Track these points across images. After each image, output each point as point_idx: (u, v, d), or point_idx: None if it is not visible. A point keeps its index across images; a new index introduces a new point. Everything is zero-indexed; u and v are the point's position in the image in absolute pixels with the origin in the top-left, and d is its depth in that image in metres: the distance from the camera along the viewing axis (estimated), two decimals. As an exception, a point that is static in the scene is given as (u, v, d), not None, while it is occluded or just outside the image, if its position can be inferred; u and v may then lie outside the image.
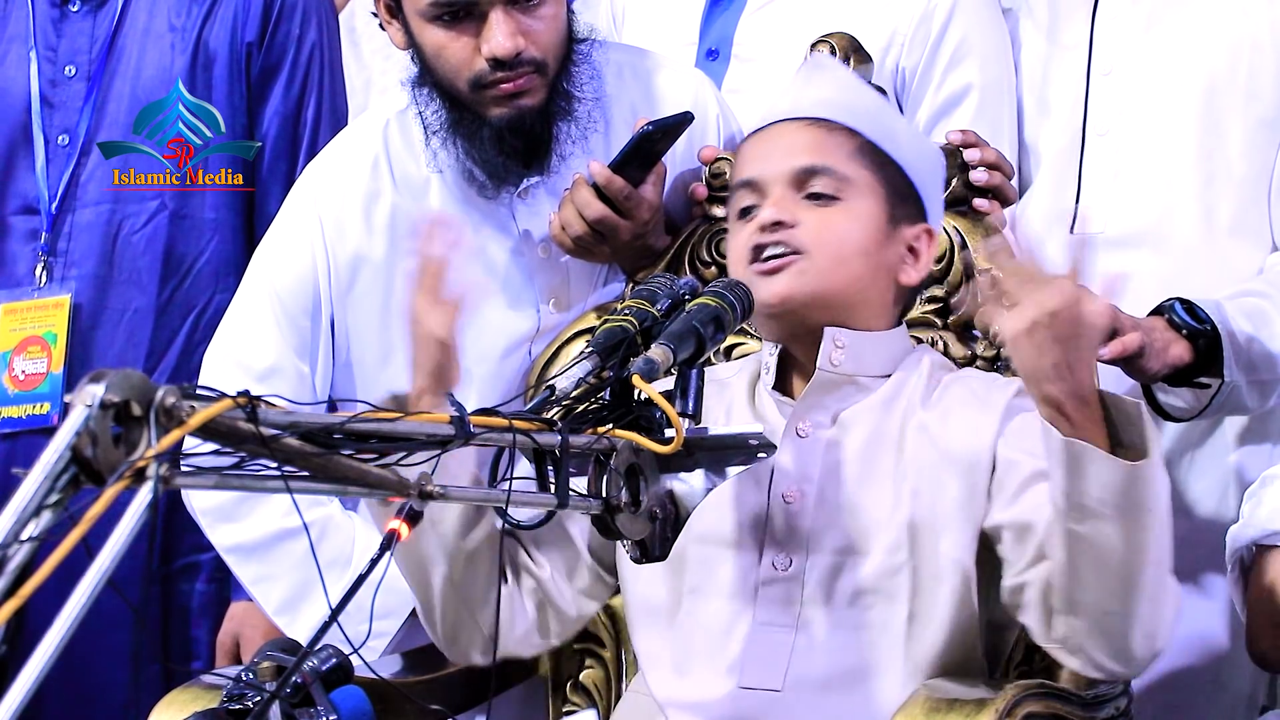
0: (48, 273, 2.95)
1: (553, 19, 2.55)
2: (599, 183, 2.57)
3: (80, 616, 1.47)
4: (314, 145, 2.94)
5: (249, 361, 2.62)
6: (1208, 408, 2.55)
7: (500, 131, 2.55)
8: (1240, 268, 2.68)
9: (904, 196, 2.34)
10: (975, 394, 2.30)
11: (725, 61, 2.84)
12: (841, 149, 2.32)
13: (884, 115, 2.40)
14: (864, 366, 2.30)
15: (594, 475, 1.98)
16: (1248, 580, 2.27)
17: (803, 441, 2.29)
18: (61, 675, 2.86)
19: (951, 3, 2.77)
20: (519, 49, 2.51)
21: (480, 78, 2.53)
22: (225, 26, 2.95)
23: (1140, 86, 2.73)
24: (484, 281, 2.62)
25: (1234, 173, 2.69)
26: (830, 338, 2.29)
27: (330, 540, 2.56)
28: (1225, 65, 2.70)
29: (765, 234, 2.27)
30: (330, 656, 1.97)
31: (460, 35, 2.53)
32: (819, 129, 2.33)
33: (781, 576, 2.26)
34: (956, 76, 2.76)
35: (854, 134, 2.32)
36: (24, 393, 2.94)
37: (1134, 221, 2.70)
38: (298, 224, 2.66)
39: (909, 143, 2.38)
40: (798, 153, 2.32)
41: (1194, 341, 2.51)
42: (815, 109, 2.35)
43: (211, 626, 2.91)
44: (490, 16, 2.50)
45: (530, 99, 2.55)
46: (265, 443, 1.63)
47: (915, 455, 2.26)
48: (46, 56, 2.98)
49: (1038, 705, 2.12)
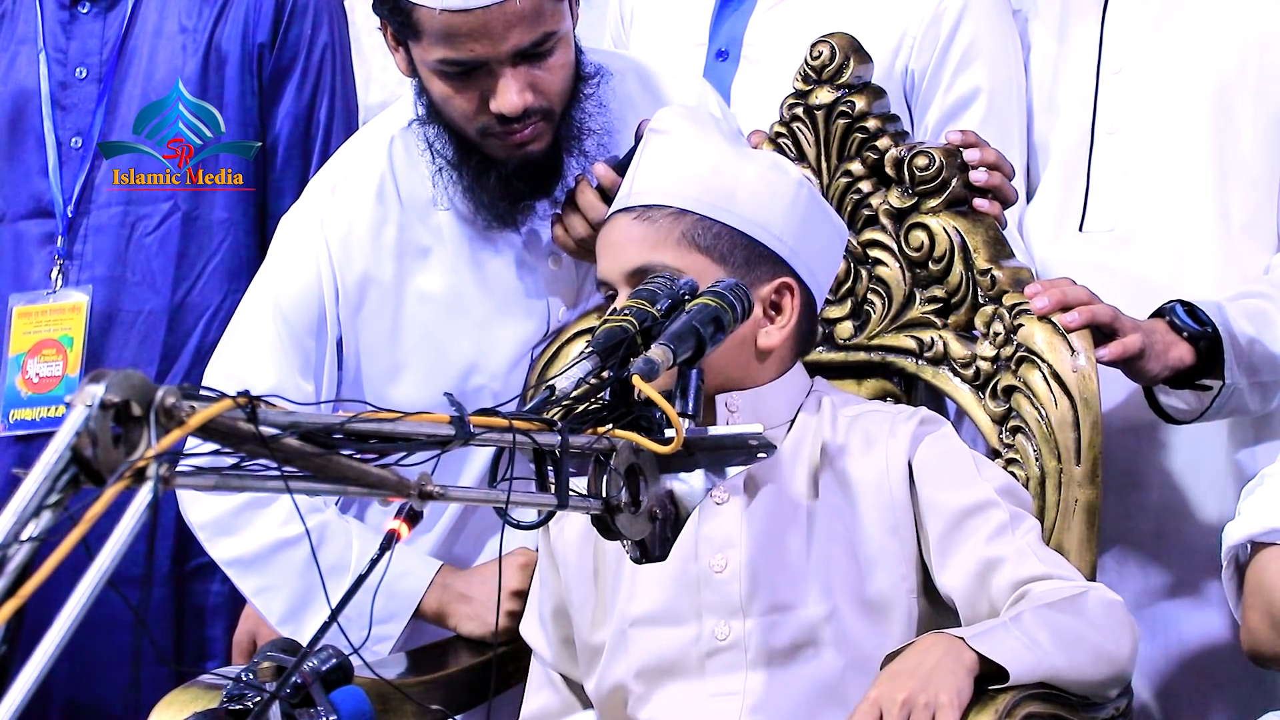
0: (63, 276, 2.96)
1: (561, 67, 2.52)
2: (603, 184, 2.57)
3: (80, 616, 1.47)
4: (326, 146, 2.95)
5: (251, 381, 2.61)
6: (1209, 410, 2.55)
7: (508, 177, 2.53)
8: (1252, 266, 2.68)
9: (749, 258, 2.30)
10: (879, 427, 2.32)
11: (735, 63, 2.83)
12: (669, 236, 2.28)
13: (719, 176, 2.32)
14: (764, 419, 2.29)
15: (594, 475, 1.98)
16: (1242, 578, 2.28)
17: (720, 508, 2.31)
18: (73, 676, 2.89)
19: (961, 5, 2.76)
20: (527, 105, 2.49)
21: (488, 128, 2.52)
22: (237, 27, 2.95)
23: (1150, 85, 2.72)
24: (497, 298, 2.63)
25: (1247, 171, 2.68)
26: (722, 404, 2.30)
27: (329, 546, 2.55)
28: (1235, 64, 2.69)
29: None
30: (330, 657, 1.98)
31: (467, 88, 2.50)
32: (644, 222, 2.29)
33: (723, 646, 2.28)
34: (966, 79, 2.75)
35: (682, 214, 2.29)
36: (38, 395, 2.95)
37: (1144, 219, 2.70)
38: (303, 244, 2.64)
39: (752, 195, 2.31)
40: (629, 252, 2.29)
41: (1195, 343, 2.51)
42: (642, 195, 2.32)
43: (227, 626, 2.92)
44: (500, 75, 2.47)
45: (538, 145, 2.53)
46: (265, 443, 1.63)
47: (828, 500, 2.28)
48: (56, 59, 2.98)
49: (1038, 705, 2.12)
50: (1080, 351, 2.44)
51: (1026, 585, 2.22)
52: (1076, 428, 2.42)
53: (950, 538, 2.26)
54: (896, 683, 2.05)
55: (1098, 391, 2.43)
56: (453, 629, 2.58)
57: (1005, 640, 2.10)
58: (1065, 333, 2.43)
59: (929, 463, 2.28)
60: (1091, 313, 2.44)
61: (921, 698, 2.03)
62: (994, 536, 2.25)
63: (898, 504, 2.28)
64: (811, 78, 2.57)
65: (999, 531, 2.25)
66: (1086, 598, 2.20)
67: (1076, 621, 2.16)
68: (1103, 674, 2.17)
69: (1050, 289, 2.46)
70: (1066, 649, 2.13)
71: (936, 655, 2.08)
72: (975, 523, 2.26)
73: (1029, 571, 2.23)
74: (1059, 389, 2.43)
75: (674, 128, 2.37)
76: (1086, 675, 2.15)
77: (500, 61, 2.47)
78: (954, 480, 2.27)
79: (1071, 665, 2.13)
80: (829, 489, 2.29)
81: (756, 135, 2.64)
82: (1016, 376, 2.45)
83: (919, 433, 2.30)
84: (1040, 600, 2.18)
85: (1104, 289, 2.50)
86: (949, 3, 2.76)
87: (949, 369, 2.51)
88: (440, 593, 2.58)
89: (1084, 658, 2.15)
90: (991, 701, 2.08)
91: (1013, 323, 2.47)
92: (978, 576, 2.24)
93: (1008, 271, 2.51)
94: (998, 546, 2.24)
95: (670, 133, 2.36)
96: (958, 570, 2.25)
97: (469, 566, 2.66)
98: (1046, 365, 2.44)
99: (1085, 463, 2.42)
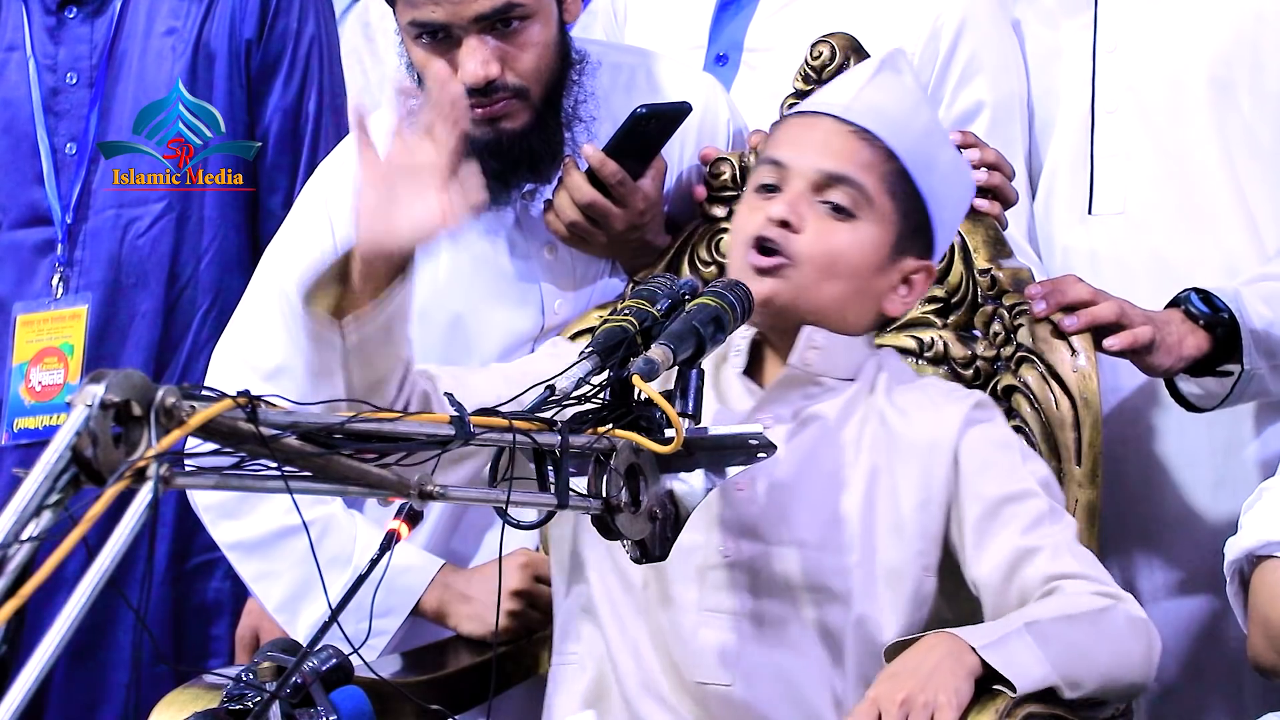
0: (64, 283, 2.96)
1: (536, 45, 2.51)
2: (592, 165, 2.56)
3: (80, 616, 1.47)
4: (316, 139, 2.94)
5: (256, 360, 2.62)
6: (1229, 396, 2.55)
7: (480, 152, 2.53)
8: (1271, 238, 2.67)
9: (917, 231, 2.32)
10: (933, 401, 2.32)
11: (735, 67, 2.83)
12: (874, 169, 2.28)
13: (930, 142, 2.35)
14: (832, 368, 2.30)
15: (594, 475, 1.98)
16: (1247, 591, 2.28)
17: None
18: (75, 675, 2.89)
19: (960, 19, 2.75)
20: (490, 77, 2.47)
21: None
22: (224, 25, 2.95)
23: (1146, 62, 2.71)
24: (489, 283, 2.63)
25: (1248, 148, 2.67)
26: (806, 336, 2.29)
27: (332, 538, 2.56)
28: (1230, 38, 2.68)
29: (769, 228, 2.27)
30: (330, 656, 1.98)
31: (438, 56, 2.49)
32: (859, 139, 2.29)
33: (727, 563, 2.26)
34: (968, 94, 2.74)
35: (892, 157, 2.29)
36: (41, 404, 2.95)
37: (1153, 200, 2.70)
38: (308, 224, 2.66)
39: (945, 177, 2.35)
40: (830, 155, 2.29)
41: (1212, 330, 2.51)
42: (865, 116, 2.30)
43: (231, 624, 2.92)
44: (464, 43, 2.47)
45: (511, 123, 2.52)
46: (265, 443, 1.63)
47: (868, 459, 2.27)
48: (45, 65, 2.98)
49: (1038, 705, 2.12)
50: (1080, 351, 2.44)
51: (1058, 581, 2.20)
52: (1077, 428, 2.42)
53: (987, 524, 2.24)
54: (896, 683, 2.05)
55: (1098, 391, 2.43)
56: (453, 628, 2.58)
57: (1016, 651, 2.09)
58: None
59: (976, 449, 2.27)
60: (1092, 316, 2.44)
61: (920, 698, 2.03)
62: (1031, 527, 2.23)
63: (935, 481, 2.26)
64: (811, 77, 2.57)
65: (1037, 522, 2.24)
66: (1112, 613, 2.19)
67: (1095, 639, 2.15)
68: (1109, 692, 2.17)
69: (1052, 291, 2.46)
70: (1076, 665, 2.12)
71: (937, 656, 2.08)
72: (1014, 510, 2.24)
73: (1062, 568, 2.21)
74: (1059, 389, 2.43)
75: (905, 70, 2.38)
76: (1089, 691, 2.15)
77: (463, 29, 2.47)
78: (998, 468, 2.25)
79: (1077, 683, 2.13)
80: (871, 450, 2.27)
81: (756, 135, 2.64)
82: (1016, 376, 2.45)
83: (971, 416, 2.29)
84: (1065, 608, 2.17)
85: (1119, 275, 2.50)
86: (948, 17, 2.75)
87: (949, 369, 2.51)
88: (441, 591, 2.58)
89: (1092, 676, 2.14)
90: (991, 702, 2.08)
91: (1012, 323, 2.47)
92: (1010, 565, 2.22)
93: (1008, 271, 2.51)
94: (1034, 537, 2.23)
95: (902, 74, 2.36)
96: (991, 557, 2.23)
97: (467, 562, 2.66)
98: (1046, 365, 2.44)
99: (1085, 462, 2.42)
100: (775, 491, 2.27)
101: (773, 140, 2.38)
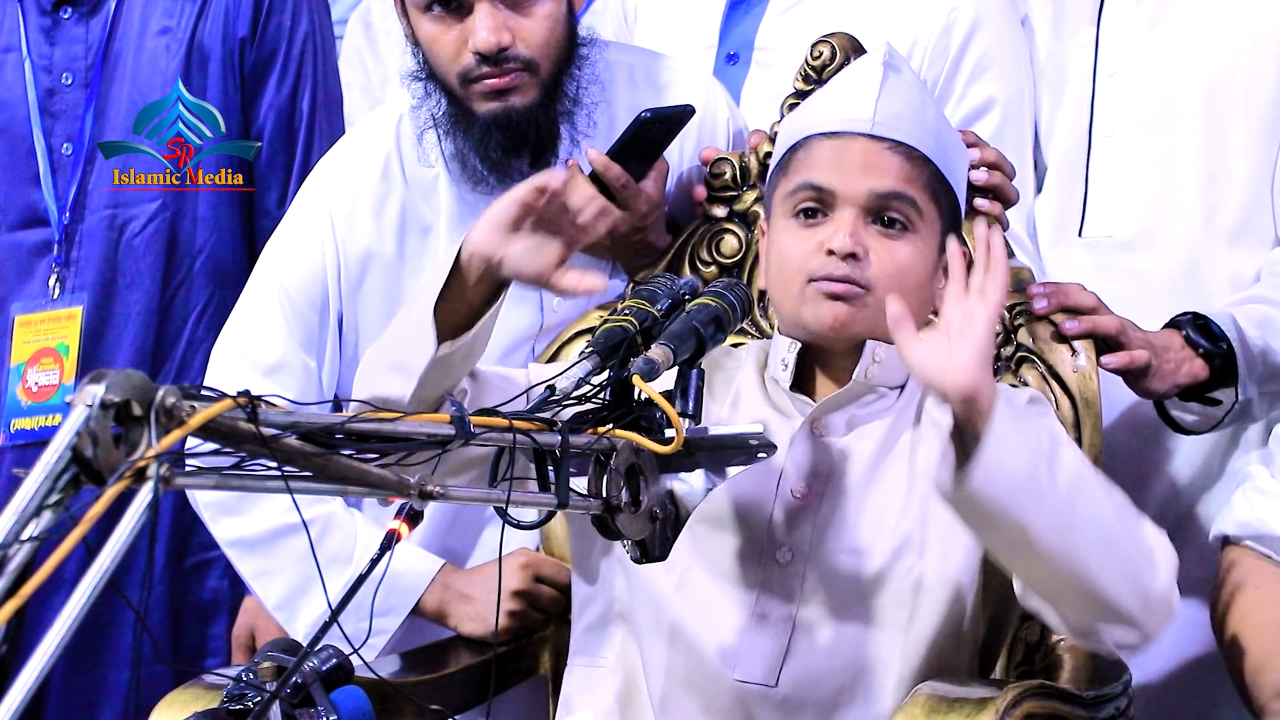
0: (61, 284, 2.96)
1: (547, 18, 2.54)
2: (596, 169, 2.57)
3: (80, 616, 1.47)
4: (310, 136, 2.94)
5: (256, 357, 2.63)
6: (1221, 422, 2.56)
7: (488, 127, 2.55)
8: (1243, 270, 2.68)
9: (955, 219, 2.32)
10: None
11: (746, 66, 2.83)
12: (916, 179, 2.27)
13: (942, 130, 2.35)
14: (889, 378, 2.30)
15: (594, 475, 1.98)
16: None
17: (818, 440, 2.29)
18: (75, 675, 2.89)
19: (973, 16, 2.75)
20: (502, 44, 2.51)
21: (468, 72, 2.54)
22: (218, 23, 2.95)
23: (1144, 87, 2.73)
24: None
25: (1235, 172, 2.69)
26: (870, 351, 2.27)
27: (332, 537, 2.56)
28: (1227, 63, 2.70)
29: (834, 261, 2.23)
30: (330, 656, 1.97)
31: (450, 28, 2.53)
32: (895, 153, 2.27)
33: (781, 570, 2.26)
34: (979, 90, 2.74)
35: (926, 161, 2.29)
36: (37, 404, 2.95)
37: (1140, 223, 2.71)
38: (308, 220, 2.67)
39: (959, 161, 2.36)
40: (876, 175, 2.26)
41: (1210, 360, 2.52)
42: (894, 129, 2.28)
43: (228, 622, 2.92)
44: (476, 10, 2.51)
45: (519, 97, 2.54)
46: (265, 443, 1.63)
47: (926, 466, 2.25)
48: (41, 66, 2.98)
49: (1038, 705, 2.12)
50: (1080, 351, 2.44)
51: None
52: (1077, 428, 2.42)
53: None
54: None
55: (1098, 391, 2.43)
56: (453, 628, 2.58)
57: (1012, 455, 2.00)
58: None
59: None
60: (1094, 323, 2.44)
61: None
62: None
63: None
64: (812, 77, 2.57)
65: None
66: (1134, 521, 2.12)
67: (1095, 510, 2.07)
68: (1096, 581, 2.06)
69: (1054, 291, 2.46)
70: (1072, 517, 2.03)
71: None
72: None
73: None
74: (1059, 389, 2.43)
75: (903, 65, 2.36)
76: (1049, 548, 2.04)
77: None
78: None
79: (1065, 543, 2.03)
80: (928, 456, 2.25)
81: (756, 135, 2.64)
82: (1016, 376, 2.45)
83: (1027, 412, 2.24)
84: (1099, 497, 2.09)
85: (1107, 296, 2.50)
86: (960, 13, 2.75)
87: (949, 369, 2.51)
88: (441, 591, 2.58)
89: (1059, 535, 2.04)
90: (991, 702, 2.08)
91: (1012, 323, 2.47)
92: None
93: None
94: None
95: (902, 71, 2.34)
96: None
97: (465, 560, 2.66)
98: (1046, 365, 2.44)
99: (1086, 462, 2.42)
100: (832, 500, 2.27)
101: (802, 163, 2.31)
